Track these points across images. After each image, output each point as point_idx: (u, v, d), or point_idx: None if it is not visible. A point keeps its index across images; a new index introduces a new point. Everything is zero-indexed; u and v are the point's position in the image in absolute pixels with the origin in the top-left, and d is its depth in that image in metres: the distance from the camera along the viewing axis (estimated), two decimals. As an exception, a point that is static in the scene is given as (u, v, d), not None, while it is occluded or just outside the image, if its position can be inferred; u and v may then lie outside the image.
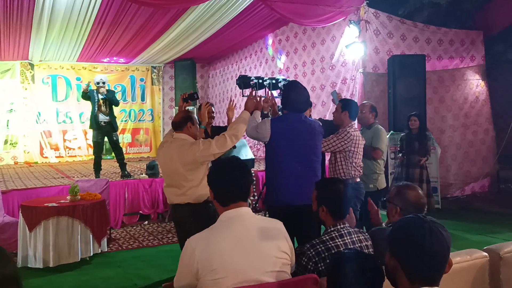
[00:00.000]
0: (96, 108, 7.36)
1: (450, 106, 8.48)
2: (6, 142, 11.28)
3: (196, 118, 3.84)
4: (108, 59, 11.73)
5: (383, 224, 2.78)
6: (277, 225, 2.10)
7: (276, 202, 3.51)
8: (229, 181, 2.06)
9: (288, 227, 2.10)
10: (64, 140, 11.91)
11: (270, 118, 3.72)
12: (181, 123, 3.65)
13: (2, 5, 7.04)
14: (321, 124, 3.77)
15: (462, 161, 8.56)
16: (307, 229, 3.29)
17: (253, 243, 1.95)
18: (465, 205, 7.98)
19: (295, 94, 3.63)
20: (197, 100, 7.02)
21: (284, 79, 7.16)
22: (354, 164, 4.19)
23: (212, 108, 4.77)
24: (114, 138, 7.59)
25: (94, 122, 7.39)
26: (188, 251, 1.92)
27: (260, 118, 3.65)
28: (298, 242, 3.38)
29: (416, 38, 8.14)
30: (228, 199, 2.05)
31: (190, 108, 4.29)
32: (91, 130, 7.73)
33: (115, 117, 7.73)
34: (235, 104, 4.39)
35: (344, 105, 4.29)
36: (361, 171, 4.30)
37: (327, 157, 4.54)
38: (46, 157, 11.57)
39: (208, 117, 4.31)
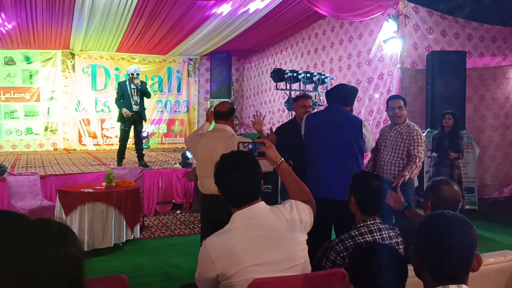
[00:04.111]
0: (129, 98, 7.39)
1: (491, 105, 8.21)
2: (46, 129, 11.68)
3: None
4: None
5: None
6: (293, 216, 1.97)
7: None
8: (236, 184, 1.89)
9: (326, 220, 1.98)
10: (102, 129, 12.20)
11: (307, 114, 3.84)
12: (228, 113, 3.63)
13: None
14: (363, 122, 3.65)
15: (501, 162, 8.28)
16: (344, 225, 3.27)
17: (273, 240, 1.88)
18: (503, 207, 7.73)
19: (341, 87, 3.92)
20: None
21: (320, 73, 7.13)
22: None
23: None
24: (139, 129, 7.68)
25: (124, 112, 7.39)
26: (205, 257, 1.86)
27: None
28: (336, 234, 3.39)
29: (457, 34, 7.90)
30: (239, 203, 1.93)
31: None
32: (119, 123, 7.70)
33: (145, 108, 7.79)
34: (264, 116, 4.53)
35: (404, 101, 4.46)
36: None
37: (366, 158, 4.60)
38: (84, 145, 11.90)
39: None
